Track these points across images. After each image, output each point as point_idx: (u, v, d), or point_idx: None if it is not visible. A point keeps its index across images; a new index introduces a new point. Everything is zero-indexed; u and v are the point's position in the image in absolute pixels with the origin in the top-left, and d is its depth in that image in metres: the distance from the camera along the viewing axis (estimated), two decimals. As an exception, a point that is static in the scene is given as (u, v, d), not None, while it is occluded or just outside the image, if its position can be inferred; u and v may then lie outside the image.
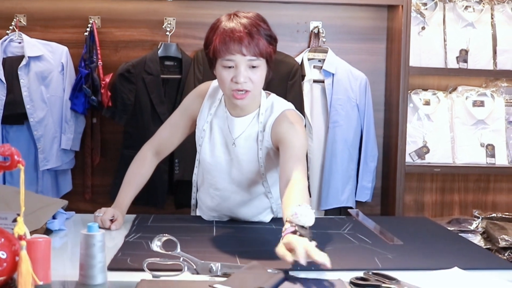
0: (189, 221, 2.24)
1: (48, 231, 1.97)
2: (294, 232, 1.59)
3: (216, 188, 2.20)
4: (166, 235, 1.58)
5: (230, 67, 1.96)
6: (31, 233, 1.47)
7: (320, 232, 2.02)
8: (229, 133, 2.14)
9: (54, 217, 2.06)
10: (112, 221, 2.09)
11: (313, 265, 1.49)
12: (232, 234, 2.05)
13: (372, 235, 2.07)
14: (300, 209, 1.63)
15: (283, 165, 1.95)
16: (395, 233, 2.08)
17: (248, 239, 1.97)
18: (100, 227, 1.49)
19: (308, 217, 1.62)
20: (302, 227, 1.61)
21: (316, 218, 1.66)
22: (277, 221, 2.22)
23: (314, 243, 1.52)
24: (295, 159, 1.93)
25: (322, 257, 1.46)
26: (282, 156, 1.98)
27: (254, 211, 2.22)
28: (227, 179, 2.17)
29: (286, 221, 1.65)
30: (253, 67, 1.96)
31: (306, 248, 1.48)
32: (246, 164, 2.13)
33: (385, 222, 2.34)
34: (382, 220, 2.59)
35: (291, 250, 1.51)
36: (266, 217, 2.24)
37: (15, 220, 1.19)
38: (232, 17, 1.96)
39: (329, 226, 2.16)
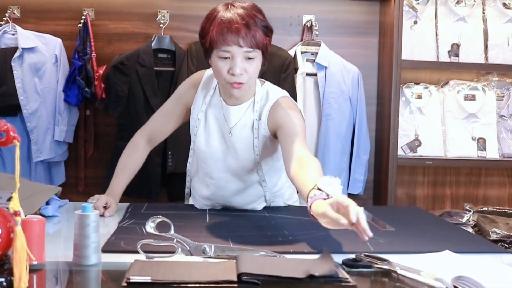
0: (182, 209, 2.26)
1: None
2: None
3: (211, 177, 2.21)
4: (160, 216, 1.59)
5: (226, 58, 1.96)
6: (25, 217, 1.48)
7: (311, 219, 2.03)
8: (224, 122, 2.14)
9: (47, 204, 2.07)
10: (105, 208, 2.10)
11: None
12: (225, 220, 2.06)
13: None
14: (335, 181, 1.60)
15: (288, 146, 1.94)
16: (388, 221, 2.07)
17: (241, 225, 1.98)
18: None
19: (338, 192, 1.59)
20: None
21: (306, 207, 1.65)
22: (270, 209, 2.24)
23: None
24: (300, 139, 1.95)
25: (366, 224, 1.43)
26: (284, 139, 1.99)
27: (248, 199, 2.23)
28: (222, 168, 2.18)
29: (315, 188, 1.61)
30: (249, 58, 1.97)
31: (356, 209, 1.44)
32: (241, 153, 2.14)
33: (377, 210, 2.36)
34: (374, 209, 2.60)
35: (339, 209, 1.47)
36: (259, 206, 2.25)
37: (9, 199, 1.20)
38: (229, 7, 1.96)
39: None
